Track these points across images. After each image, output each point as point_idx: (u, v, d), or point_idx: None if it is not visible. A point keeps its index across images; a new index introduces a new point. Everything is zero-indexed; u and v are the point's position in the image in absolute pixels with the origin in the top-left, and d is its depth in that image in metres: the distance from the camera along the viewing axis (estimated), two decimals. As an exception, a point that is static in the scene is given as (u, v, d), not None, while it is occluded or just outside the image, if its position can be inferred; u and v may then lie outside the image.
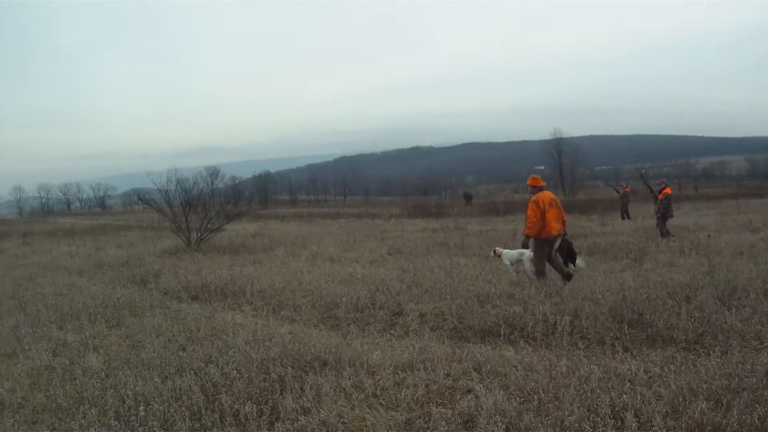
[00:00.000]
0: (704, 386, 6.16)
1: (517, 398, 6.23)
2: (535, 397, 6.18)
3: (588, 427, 5.46)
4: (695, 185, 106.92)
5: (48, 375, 8.62)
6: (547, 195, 12.81)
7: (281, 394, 6.93)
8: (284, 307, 12.22)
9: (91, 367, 8.69)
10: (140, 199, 35.57)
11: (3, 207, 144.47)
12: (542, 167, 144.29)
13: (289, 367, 7.64)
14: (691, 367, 6.99)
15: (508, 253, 14.58)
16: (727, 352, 7.64)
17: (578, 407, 5.81)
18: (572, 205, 49.38)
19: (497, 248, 15.10)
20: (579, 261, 14.38)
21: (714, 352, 7.63)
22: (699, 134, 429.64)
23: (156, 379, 7.69)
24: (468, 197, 75.43)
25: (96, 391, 7.48)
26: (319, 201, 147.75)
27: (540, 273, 12.88)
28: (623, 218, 34.19)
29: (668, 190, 22.49)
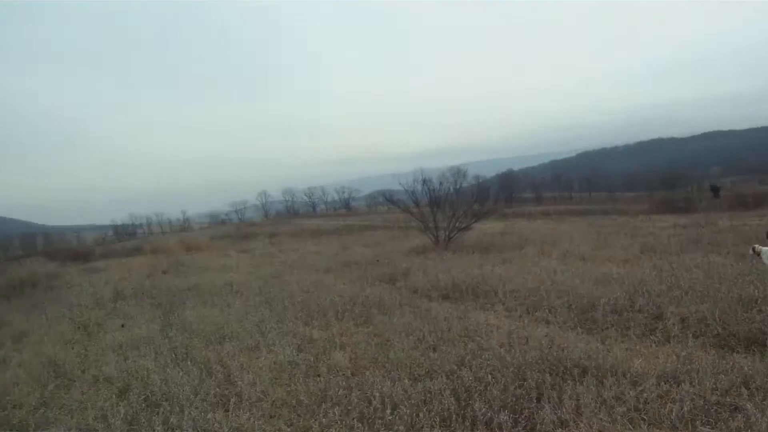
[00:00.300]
0: None
1: None
2: None
3: None
4: None
5: (291, 370, 8.80)
6: None
7: (538, 402, 6.63)
8: (538, 308, 11.81)
9: (337, 364, 8.77)
10: (387, 200, 36.28)
11: (249, 211, 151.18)
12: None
13: (547, 374, 7.31)
14: None
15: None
16: None
17: None
18: None
19: (756, 246, 13.92)
20: None
21: None
22: None
23: (405, 381, 7.59)
24: (715, 190, 71.90)
25: (340, 390, 7.50)
26: (563, 198, 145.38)
27: None
28: None
29: None
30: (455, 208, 27.22)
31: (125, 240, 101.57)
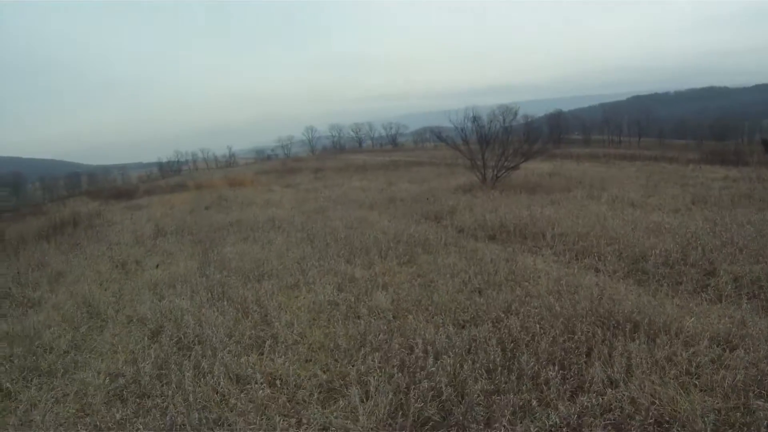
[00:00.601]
0: None
1: None
2: None
3: None
4: None
5: (330, 311, 8.65)
6: None
7: (587, 358, 6.44)
8: (588, 255, 11.62)
9: (378, 306, 8.59)
10: (438, 136, 36.09)
11: (296, 146, 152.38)
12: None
13: (598, 328, 7.09)
14: None
15: None
16: None
17: None
18: None
19: None
20: None
21: None
22: None
23: (449, 327, 7.39)
24: (766, 144, 71.40)
25: (381, 335, 7.32)
26: (612, 141, 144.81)
27: None
28: None
29: None
30: (505, 146, 26.93)
31: (170, 177, 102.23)
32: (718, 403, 5.52)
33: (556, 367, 6.11)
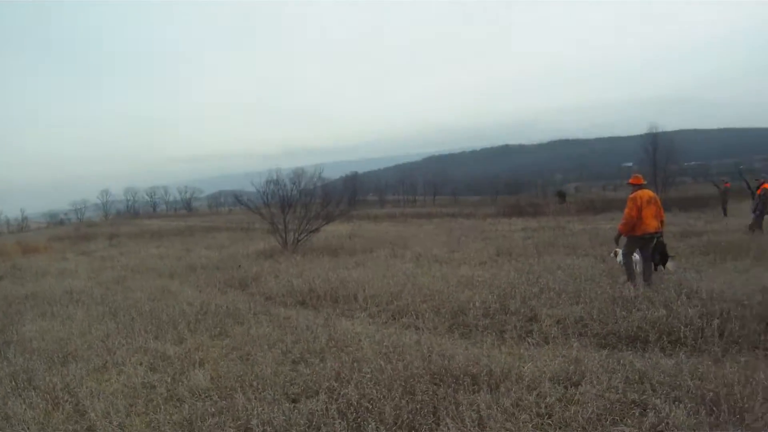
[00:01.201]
0: None
1: (704, 410, 5.82)
2: (725, 408, 5.73)
3: None
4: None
5: (147, 395, 7.77)
6: (645, 193, 12.96)
7: (434, 417, 6.18)
8: (404, 314, 11.42)
9: (199, 385, 7.80)
10: (237, 199, 35.68)
11: (90, 210, 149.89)
12: (631, 164, 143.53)
13: (437, 386, 6.89)
14: None
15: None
16: None
17: None
18: (668, 202, 47.67)
19: (617, 249, 14.49)
20: (670, 264, 14.22)
21: None
22: None
23: (284, 403, 6.87)
24: (562, 195, 75.36)
25: (209, 418, 6.64)
26: (408, 201, 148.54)
27: (628, 266, 13.00)
28: (725, 214, 33.49)
29: (766, 185, 21.79)
30: (307, 209, 26.86)
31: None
32: (578, 437, 5.48)
33: (405, 431, 5.92)
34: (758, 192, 21.65)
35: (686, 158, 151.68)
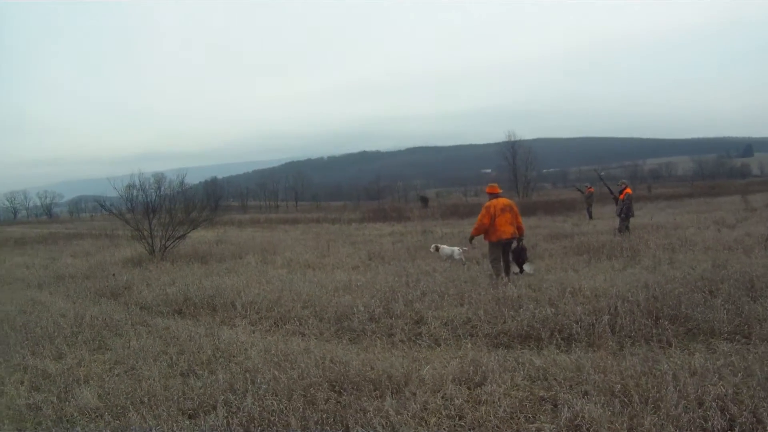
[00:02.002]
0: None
1: (617, 402, 5.89)
2: (635, 398, 5.87)
3: (698, 419, 5.39)
4: (648, 185, 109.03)
5: (35, 418, 7.28)
6: (501, 201, 13.80)
7: (342, 426, 6.00)
8: (287, 321, 11.21)
9: (87, 405, 7.31)
10: (101, 205, 34.37)
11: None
12: (489, 170, 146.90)
13: (338, 393, 6.74)
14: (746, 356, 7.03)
15: (444, 249, 17.75)
16: (765, 341, 7.77)
17: (684, 403, 5.67)
18: (532, 207, 49.95)
19: (437, 245, 18.26)
20: (527, 267, 15.03)
21: (754, 341, 7.85)
22: (645, 136, 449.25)
23: (182, 420, 6.54)
24: (424, 200, 76.21)
25: (107, 441, 6.21)
26: (270, 207, 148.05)
27: (495, 268, 13.84)
28: (590, 217, 35.04)
29: (629, 190, 22.99)
30: (171, 215, 26.19)
31: None
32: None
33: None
34: (621, 197, 22.63)
35: (545, 165, 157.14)
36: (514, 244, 14.15)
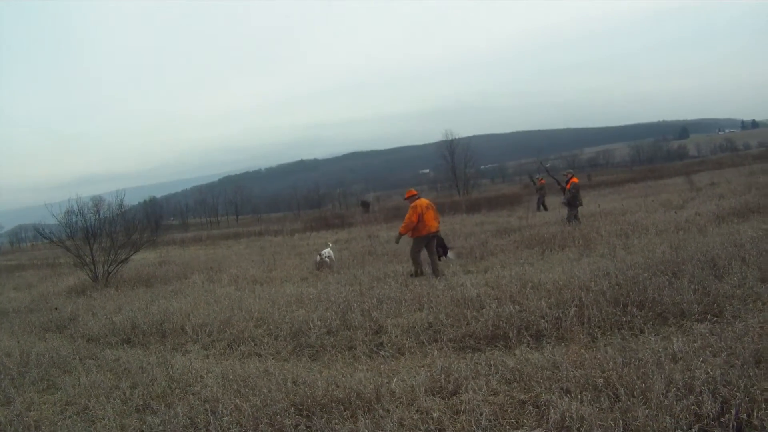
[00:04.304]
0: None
1: (604, 398, 5.71)
2: (621, 391, 5.72)
3: (692, 406, 5.27)
4: (588, 174, 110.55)
5: None
6: (424, 201, 15.53)
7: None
8: (241, 342, 10.81)
9: None
10: (40, 233, 33.51)
11: None
12: (427, 170, 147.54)
13: (310, 418, 6.38)
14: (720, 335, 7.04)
15: (324, 252, 19.04)
16: (737, 318, 7.84)
17: (674, 391, 5.53)
18: (475, 203, 50.33)
19: (320, 251, 19.46)
20: (450, 254, 16.97)
21: (726, 319, 7.92)
22: (581, 126, 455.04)
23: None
24: (365, 205, 76.19)
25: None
26: (210, 223, 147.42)
27: (416, 262, 15.30)
28: (538, 209, 35.52)
29: (575, 180, 23.50)
30: (114, 239, 25.40)
31: None
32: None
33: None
34: (568, 186, 22.98)
35: (483, 161, 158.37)
36: (436, 238, 15.72)
